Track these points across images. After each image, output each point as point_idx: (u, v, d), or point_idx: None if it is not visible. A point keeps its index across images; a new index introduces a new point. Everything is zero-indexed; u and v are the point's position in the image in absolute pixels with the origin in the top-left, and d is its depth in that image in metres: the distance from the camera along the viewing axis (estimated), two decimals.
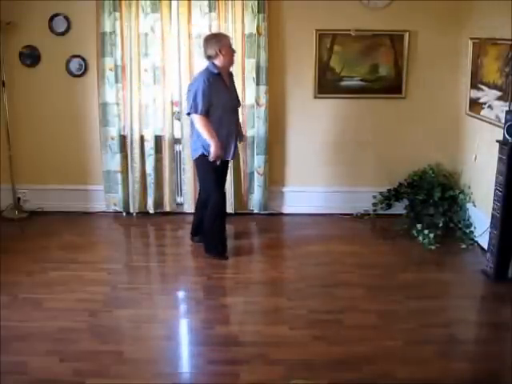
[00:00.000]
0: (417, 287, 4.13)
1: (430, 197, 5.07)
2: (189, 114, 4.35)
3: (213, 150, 4.25)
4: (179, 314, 3.89)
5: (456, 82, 5.28)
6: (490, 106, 4.69)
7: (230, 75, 4.53)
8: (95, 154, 5.45)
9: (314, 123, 5.42)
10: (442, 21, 5.18)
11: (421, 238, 4.85)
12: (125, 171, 5.43)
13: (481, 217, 4.79)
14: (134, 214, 5.49)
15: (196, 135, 4.40)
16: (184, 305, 4.06)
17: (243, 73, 5.17)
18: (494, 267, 4.16)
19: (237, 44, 5.06)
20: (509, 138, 4.01)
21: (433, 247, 4.74)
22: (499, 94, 4.52)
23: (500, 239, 4.13)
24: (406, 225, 5.15)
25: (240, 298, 4.01)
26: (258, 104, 5.24)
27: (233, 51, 4.41)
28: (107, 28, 5.10)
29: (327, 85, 5.34)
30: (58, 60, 5.28)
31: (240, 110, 4.94)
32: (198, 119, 4.28)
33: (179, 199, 5.56)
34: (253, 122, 5.28)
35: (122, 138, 5.36)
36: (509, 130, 4.01)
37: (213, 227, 4.52)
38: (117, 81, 5.22)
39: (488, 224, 4.33)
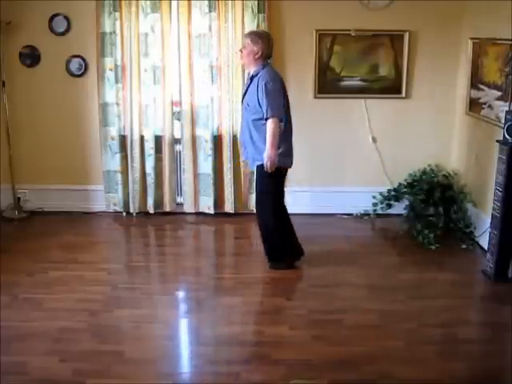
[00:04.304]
0: (417, 287, 4.14)
1: (430, 197, 5.07)
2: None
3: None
4: (179, 313, 3.89)
5: (456, 82, 5.29)
6: (490, 106, 4.69)
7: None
8: (95, 153, 5.45)
9: (314, 123, 5.42)
10: (442, 21, 5.18)
11: (421, 238, 4.84)
12: (125, 171, 5.42)
13: (481, 217, 4.79)
14: (134, 214, 5.48)
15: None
16: (184, 305, 4.06)
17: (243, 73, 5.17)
18: (494, 267, 4.16)
19: (237, 44, 5.07)
20: (509, 138, 4.01)
21: (433, 247, 4.74)
22: (499, 94, 4.51)
23: (500, 239, 4.12)
24: (405, 225, 5.15)
25: (240, 297, 4.00)
26: None
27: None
28: (107, 28, 5.10)
29: (327, 85, 5.33)
30: (58, 60, 5.27)
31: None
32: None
33: (179, 199, 5.55)
34: None
35: (122, 138, 5.36)
36: (509, 130, 4.01)
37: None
38: (117, 81, 5.21)
39: (488, 224, 4.33)
